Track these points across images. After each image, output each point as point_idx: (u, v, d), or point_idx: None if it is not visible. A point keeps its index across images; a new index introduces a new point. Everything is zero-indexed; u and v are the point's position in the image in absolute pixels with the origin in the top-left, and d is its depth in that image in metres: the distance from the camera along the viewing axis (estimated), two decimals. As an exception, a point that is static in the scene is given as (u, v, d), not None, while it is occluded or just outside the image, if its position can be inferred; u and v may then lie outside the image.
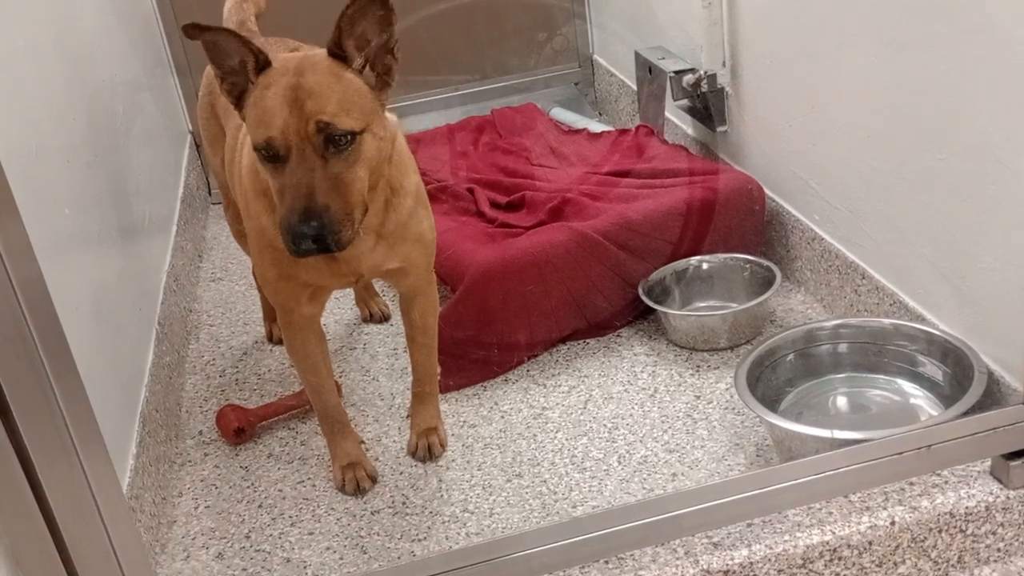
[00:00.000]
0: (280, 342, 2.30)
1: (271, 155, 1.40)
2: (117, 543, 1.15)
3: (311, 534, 1.76)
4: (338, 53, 1.44)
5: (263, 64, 1.42)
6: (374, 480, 1.85)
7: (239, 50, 1.41)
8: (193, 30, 1.38)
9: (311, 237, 1.37)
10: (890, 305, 1.91)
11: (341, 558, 1.69)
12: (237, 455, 2.00)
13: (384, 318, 2.39)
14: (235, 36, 1.42)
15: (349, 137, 1.40)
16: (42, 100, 1.80)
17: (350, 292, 2.46)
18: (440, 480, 1.84)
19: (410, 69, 3.22)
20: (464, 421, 2.00)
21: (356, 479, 1.83)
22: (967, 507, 1.48)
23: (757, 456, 1.79)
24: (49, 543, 1.11)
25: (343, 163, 1.41)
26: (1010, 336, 1.63)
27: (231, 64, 1.43)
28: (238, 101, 1.45)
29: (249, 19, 2.07)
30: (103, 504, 1.13)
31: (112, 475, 1.14)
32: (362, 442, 1.94)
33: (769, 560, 1.43)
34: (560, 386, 2.07)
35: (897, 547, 1.48)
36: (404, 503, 1.80)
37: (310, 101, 1.38)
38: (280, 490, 1.88)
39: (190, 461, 2.00)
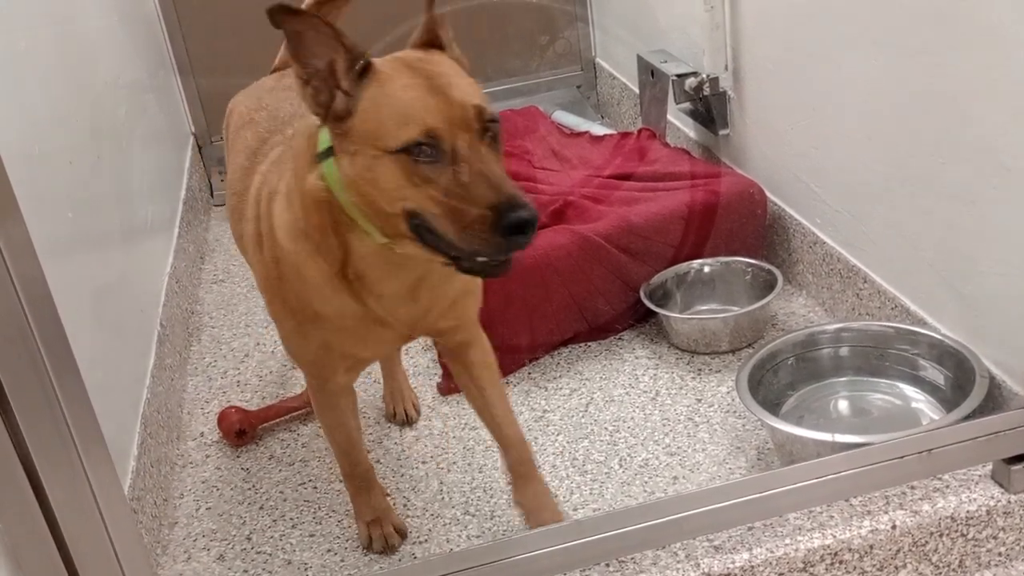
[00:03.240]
0: None
1: (428, 151, 1.17)
2: (118, 544, 1.15)
3: (312, 536, 1.76)
4: (437, 43, 1.30)
5: (360, 65, 1.21)
6: (404, 535, 1.71)
7: (330, 46, 1.19)
8: (280, 15, 1.15)
9: (528, 222, 1.14)
10: (892, 309, 1.91)
11: (342, 560, 1.69)
12: (238, 457, 2.00)
13: (410, 422, 2.04)
14: (329, 28, 1.19)
15: (495, 123, 1.22)
16: (44, 102, 1.80)
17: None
18: (441, 482, 1.84)
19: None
20: (465, 423, 2.00)
21: (384, 536, 1.68)
22: (968, 511, 1.48)
23: (758, 459, 1.79)
24: (50, 544, 1.11)
25: (496, 153, 1.22)
26: (1012, 340, 1.63)
27: (316, 64, 1.20)
28: (326, 111, 1.23)
29: None
30: (104, 505, 1.13)
31: (113, 476, 1.14)
32: (387, 494, 1.78)
33: (770, 564, 1.43)
34: (561, 389, 2.07)
35: (898, 551, 1.47)
36: (405, 505, 1.80)
37: (454, 89, 1.20)
38: (281, 492, 1.88)
39: (191, 463, 2.00)
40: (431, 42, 1.30)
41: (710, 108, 2.46)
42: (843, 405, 1.84)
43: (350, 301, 1.37)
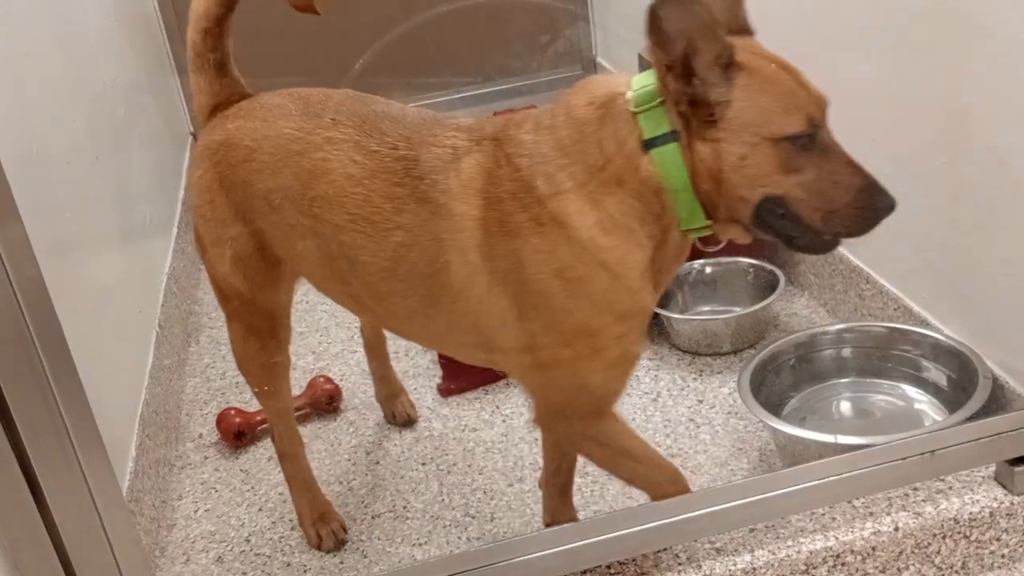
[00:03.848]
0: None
1: (804, 139, 1.22)
2: (116, 546, 1.15)
3: (311, 538, 1.75)
4: (748, 29, 1.30)
5: (728, 55, 1.21)
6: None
7: (703, 35, 1.19)
8: (667, 3, 1.17)
9: (893, 206, 1.27)
10: (894, 310, 1.91)
11: (341, 562, 1.68)
12: (237, 458, 2.00)
13: (411, 422, 2.03)
14: (709, 17, 1.19)
15: None
16: (43, 102, 1.79)
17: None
18: (441, 484, 1.84)
19: (412, 72, 3.22)
20: (465, 425, 1.99)
21: None
22: (971, 513, 1.47)
23: (760, 461, 1.78)
24: (48, 546, 1.11)
25: None
26: (1015, 341, 1.63)
27: (678, 52, 1.20)
28: (689, 99, 1.21)
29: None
30: (102, 507, 1.12)
31: (111, 478, 1.14)
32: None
33: (772, 566, 1.42)
34: (562, 390, 2.06)
35: (901, 553, 1.47)
36: (405, 507, 1.79)
37: (809, 81, 1.26)
38: (280, 493, 1.87)
39: (190, 464, 2.00)
40: (743, 28, 1.30)
41: (711, 108, 2.45)
42: (845, 406, 1.84)
43: (649, 297, 1.32)
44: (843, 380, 1.87)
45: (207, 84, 1.57)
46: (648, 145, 1.23)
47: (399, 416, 2.03)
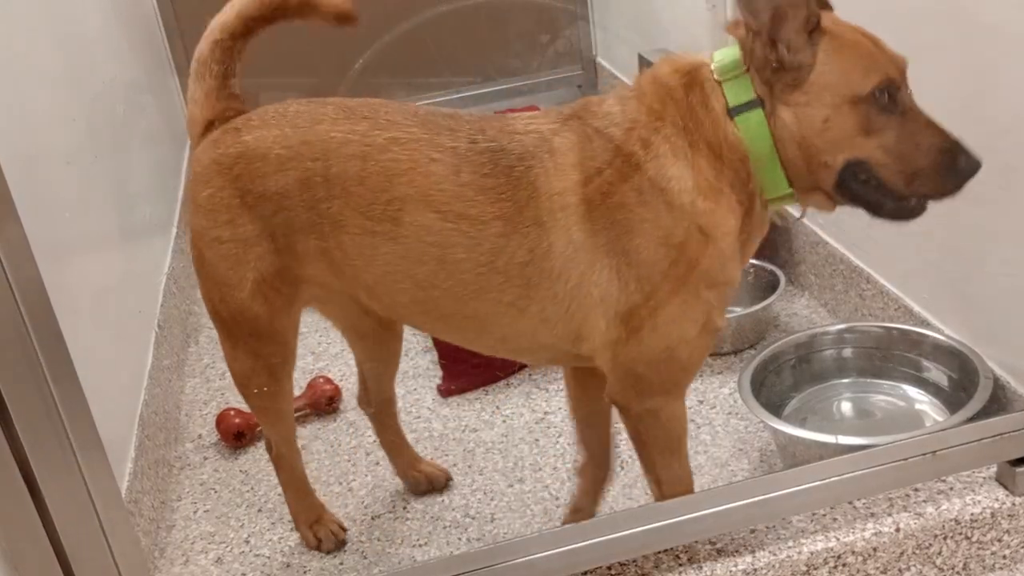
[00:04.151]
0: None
1: (885, 100, 1.24)
2: (115, 547, 1.15)
3: (311, 539, 1.75)
4: (827, 3, 1.32)
5: (815, 21, 1.24)
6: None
7: (793, 2, 1.22)
8: None
9: (978, 164, 1.26)
10: (895, 310, 1.90)
11: (341, 563, 1.68)
12: (236, 459, 1.99)
13: (448, 479, 1.86)
14: None
15: None
16: (42, 102, 1.79)
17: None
18: (441, 485, 1.83)
19: (412, 72, 3.22)
20: (466, 425, 1.99)
21: None
22: (972, 514, 1.47)
23: (761, 461, 1.78)
24: (47, 547, 1.11)
25: None
26: (1015, 341, 1.62)
27: (764, 18, 1.23)
28: (776, 64, 1.24)
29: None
30: (101, 508, 1.12)
31: (111, 479, 1.13)
32: None
33: (773, 567, 1.42)
34: (562, 390, 2.04)
35: (902, 554, 1.47)
36: (405, 508, 1.79)
37: (888, 46, 1.28)
38: (280, 494, 1.86)
39: (189, 465, 1.99)
40: (822, 2, 1.31)
41: (711, 108, 2.45)
42: (846, 407, 1.83)
43: (738, 267, 1.34)
44: (844, 380, 1.87)
45: (203, 95, 1.48)
46: (733, 113, 1.26)
47: (435, 480, 1.84)
